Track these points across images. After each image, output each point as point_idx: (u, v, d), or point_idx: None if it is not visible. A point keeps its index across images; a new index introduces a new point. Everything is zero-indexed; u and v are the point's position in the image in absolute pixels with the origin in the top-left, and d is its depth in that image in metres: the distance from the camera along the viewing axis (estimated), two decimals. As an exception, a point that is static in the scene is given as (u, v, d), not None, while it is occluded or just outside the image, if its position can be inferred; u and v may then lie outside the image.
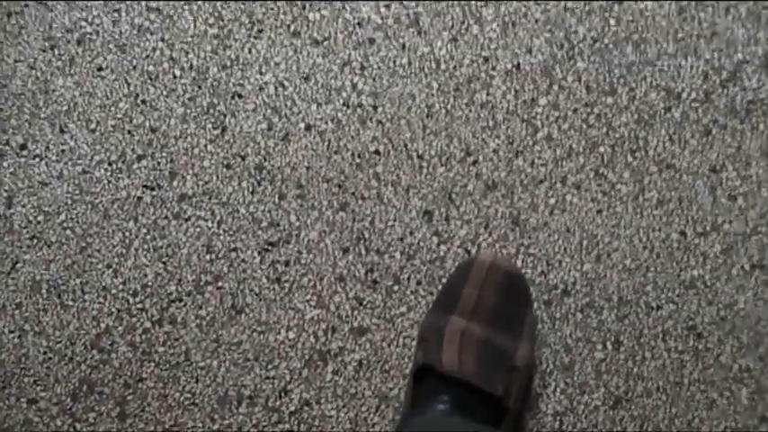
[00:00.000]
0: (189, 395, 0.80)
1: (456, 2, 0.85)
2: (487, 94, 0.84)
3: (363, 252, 0.82)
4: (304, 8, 0.86)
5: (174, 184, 0.85)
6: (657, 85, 0.84)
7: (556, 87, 0.84)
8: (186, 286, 0.82)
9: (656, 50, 0.84)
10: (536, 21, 0.85)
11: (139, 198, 0.85)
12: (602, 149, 0.83)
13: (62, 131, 0.86)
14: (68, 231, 0.84)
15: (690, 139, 0.83)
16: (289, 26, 0.86)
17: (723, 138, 0.83)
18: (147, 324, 0.81)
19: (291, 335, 0.81)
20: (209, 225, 0.83)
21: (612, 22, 0.84)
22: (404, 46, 0.85)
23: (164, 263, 0.83)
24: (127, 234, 0.84)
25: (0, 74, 0.88)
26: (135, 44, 0.87)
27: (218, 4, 0.87)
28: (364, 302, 0.82)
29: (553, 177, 0.83)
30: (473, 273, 0.76)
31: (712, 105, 0.83)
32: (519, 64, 0.84)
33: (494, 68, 0.84)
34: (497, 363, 0.73)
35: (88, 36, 0.87)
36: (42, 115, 0.87)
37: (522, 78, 0.84)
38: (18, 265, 0.83)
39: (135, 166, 0.85)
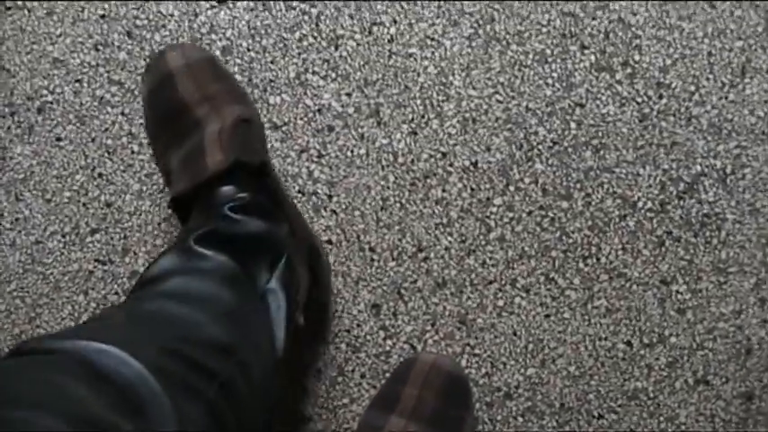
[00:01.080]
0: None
1: (418, 95, 0.85)
2: (443, 191, 0.84)
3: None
4: (265, 91, 0.86)
5: (126, 260, 0.85)
6: (614, 193, 0.83)
7: (512, 188, 0.83)
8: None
9: (615, 157, 0.83)
10: (497, 119, 0.84)
11: (91, 272, 0.85)
12: (554, 254, 0.83)
13: (17, 199, 0.86)
14: (18, 300, 0.84)
15: (643, 249, 0.83)
16: (250, 107, 0.86)
17: (676, 250, 0.83)
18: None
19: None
20: (157, 306, 0.83)
21: (573, 125, 0.84)
22: (362, 136, 0.85)
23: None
24: (76, 307, 0.84)
25: (-41, 137, 0.87)
26: (95, 116, 0.87)
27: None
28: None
29: (503, 279, 0.83)
30: (414, 372, 0.76)
31: (668, 216, 0.83)
32: (477, 162, 0.84)
33: (451, 165, 0.84)
34: None
35: (49, 105, 0.87)
36: (-1, 182, 0.87)
37: (479, 176, 0.84)
38: (-36, 335, 0.83)
39: (88, 239, 0.85)
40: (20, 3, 0.88)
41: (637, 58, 0.84)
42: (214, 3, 0.86)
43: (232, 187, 0.68)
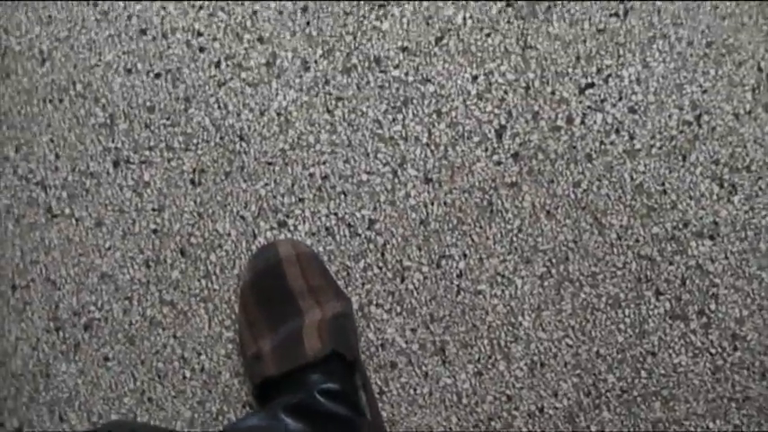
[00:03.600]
0: None
1: (485, 334, 0.82)
2: (507, 435, 0.81)
3: None
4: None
5: (175, 488, 0.82)
6: (682, 446, 0.81)
7: (578, 436, 0.81)
8: None
9: (684, 409, 0.81)
10: (565, 363, 0.81)
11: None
12: (617, 506, 0.81)
13: (61, 419, 0.83)
14: None
15: (708, 505, 0.81)
16: (308, 335, 0.82)
17: (741, 507, 0.81)
18: None
19: None
20: None
21: (644, 373, 0.81)
22: (426, 374, 0.82)
23: None
24: None
25: (0, 351, 0.83)
26: (145, 337, 0.83)
27: (235, 305, 0.82)
28: None
29: None
30: None
31: (735, 472, 0.81)
32: (543, 407, 0.81)
33: (516, 408, 0.81)
34: None
35: (96, 322, 0.83)
36: (41, 400, 0.83)
37: (545, 422, 0.81)
38: None
39: (135, 465, 0.82)
40: (67, 211, 0.83)
41: (713, 307, 0.81)
42: (274, 224, 0.82)
43: (324, 375, 0.71)
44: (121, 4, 0.84)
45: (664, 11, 0.82)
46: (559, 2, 0.82)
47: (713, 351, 0.81)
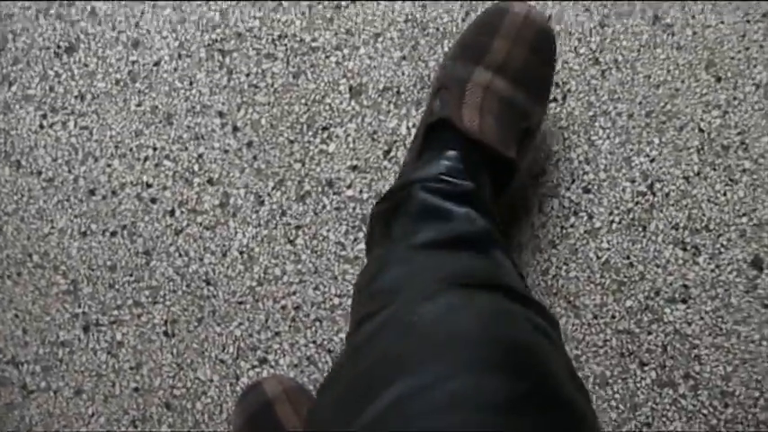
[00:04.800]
0: None
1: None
2: None
3: None
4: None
5: None
6: None
7: None
8: None
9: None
10: (565, 449, 0.82)
11: None
12: None
13: None
14: None
15: None
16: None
17: None
18: None
19: None
20: None
21: (643, 446, 0.82)
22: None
23: None
24: None
25: None
26: (144, 498, 0.81)
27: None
28: None
29: None
30: (506, 23, 0.71)
31: None
32: (551, 497, 0.82)
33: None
34: (515, 123, 0.70)
35: (92, 491, 0.82)
36: None
37: None
38: None
39: None
40: (43, 385, 0.82)
41: (697, 368, 0.82)
42: (255, 362, 0.82)
43: None
44: (65, 167, 0.83)
45: (600, 88, 0.84)
46: (497, 96, 0.83)
47: (705, 412, 0.82)
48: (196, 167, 0.83)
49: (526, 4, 0.72)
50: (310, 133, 0.83)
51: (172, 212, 0.82)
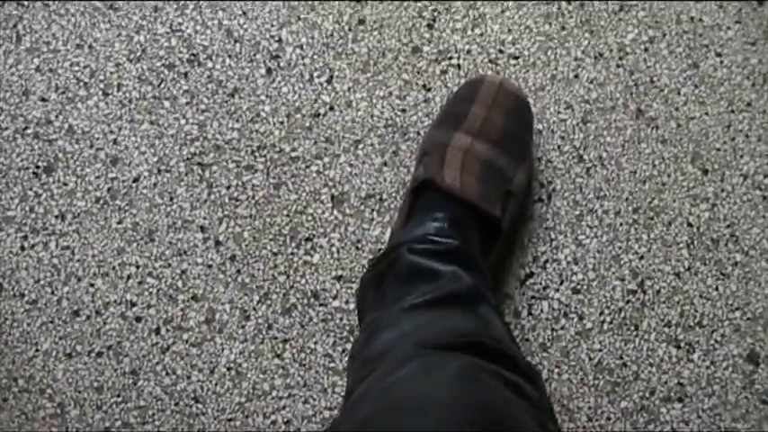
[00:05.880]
0: None
1: None
2: None
3: None
4: None
5: None
6: None
7: None
8: None
9: None
10: None
11: None
12: None
13: None
14: None
15: None
16: None
17: None
18: None
19: None
20: None
21: None
22: None
23: None
24: None
25: None
26: None
27: None
28: None
29: None
30: (482, 92, 0.75)
31: None
32: None
33: None
34: (497, 184, 0.72)
35: None
36: None
37: None
38: None
39: None
40: None
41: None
42: (247, 480, 0.80)
43: None
44: (48, 289, 0.82)
45: (585, 186, 0.83)
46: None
47: None
48: (180, 284, 0.82)
49: (499, 75, 0.77)
50: (293, 245, 0.82)
51: (157, 330, 0.82)
